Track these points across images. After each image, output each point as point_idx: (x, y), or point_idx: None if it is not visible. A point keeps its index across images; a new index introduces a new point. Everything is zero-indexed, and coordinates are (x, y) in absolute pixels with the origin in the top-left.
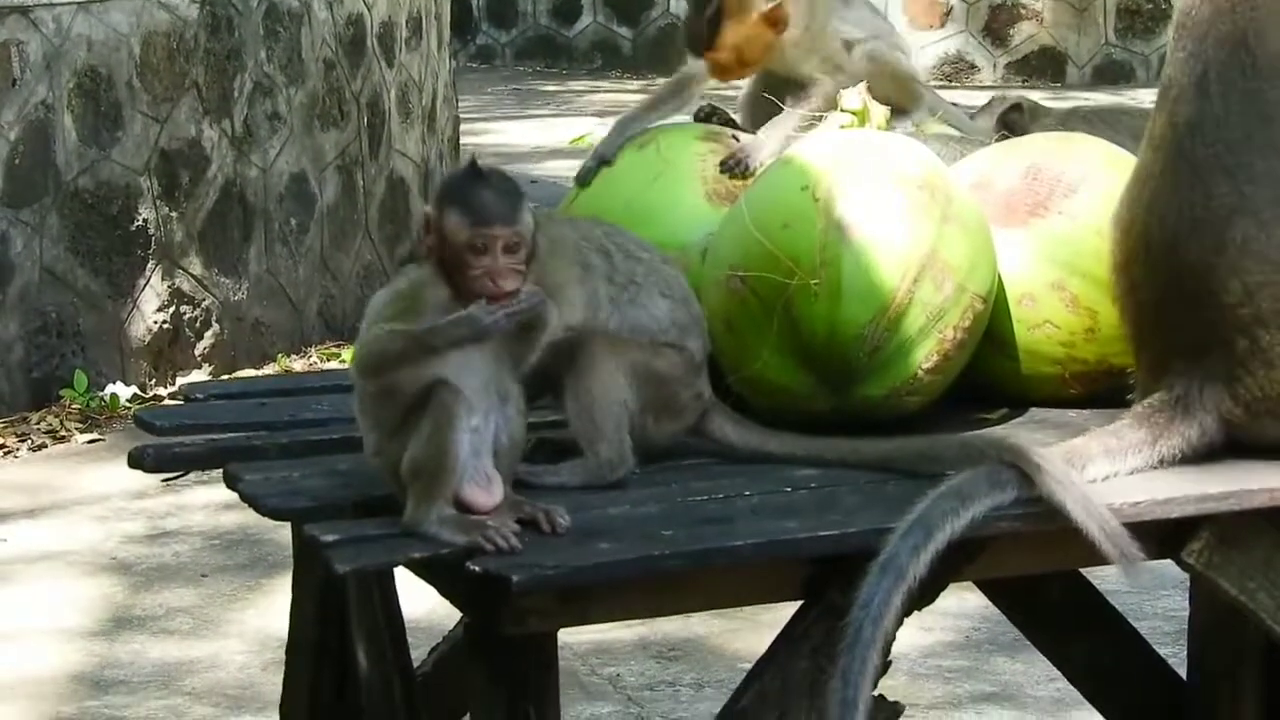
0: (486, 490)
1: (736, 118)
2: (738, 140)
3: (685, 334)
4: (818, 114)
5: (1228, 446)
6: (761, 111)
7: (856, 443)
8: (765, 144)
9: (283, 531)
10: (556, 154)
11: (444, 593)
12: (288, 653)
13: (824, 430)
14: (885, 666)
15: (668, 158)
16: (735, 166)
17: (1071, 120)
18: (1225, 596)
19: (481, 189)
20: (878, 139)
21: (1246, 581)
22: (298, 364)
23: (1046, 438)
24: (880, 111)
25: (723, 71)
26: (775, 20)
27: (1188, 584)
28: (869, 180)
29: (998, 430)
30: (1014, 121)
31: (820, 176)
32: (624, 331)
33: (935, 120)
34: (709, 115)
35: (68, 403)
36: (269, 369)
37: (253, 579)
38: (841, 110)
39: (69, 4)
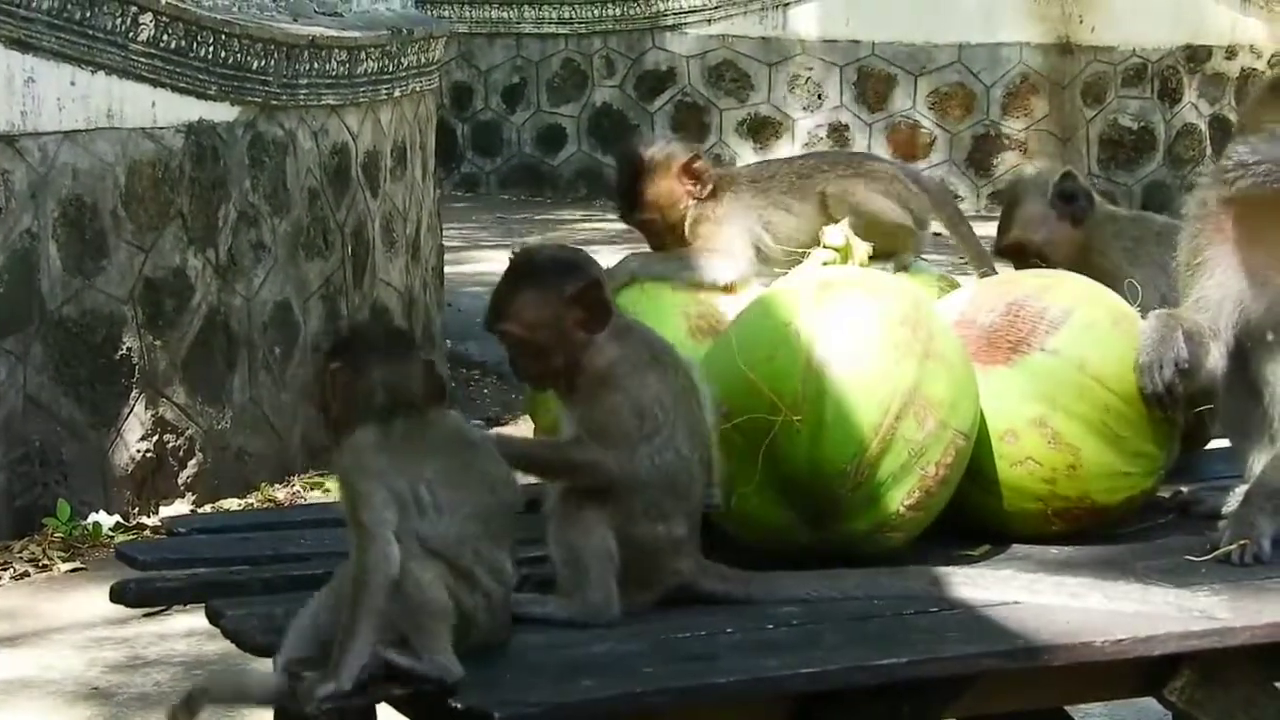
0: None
1: None
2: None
3: (668, 518)
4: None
5: None
6: None
7: (864, 576)
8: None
9: (265, 661)
10: None
11: None
12: None
13: (806, 566)
14: None
15: (651, 294)
16: None
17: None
18: None
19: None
20: (860, 275)
21: None
22: (281, 493)
23: (1030, 573)
24: (863, 248)
25: (652, 235)
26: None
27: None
28: (851, 316)
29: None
30: (1072, 190)
31: (803, 312)
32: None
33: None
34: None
35: (50, 531)
36: (252, 498)
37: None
38: (824, 247)
39: (55, 133)
